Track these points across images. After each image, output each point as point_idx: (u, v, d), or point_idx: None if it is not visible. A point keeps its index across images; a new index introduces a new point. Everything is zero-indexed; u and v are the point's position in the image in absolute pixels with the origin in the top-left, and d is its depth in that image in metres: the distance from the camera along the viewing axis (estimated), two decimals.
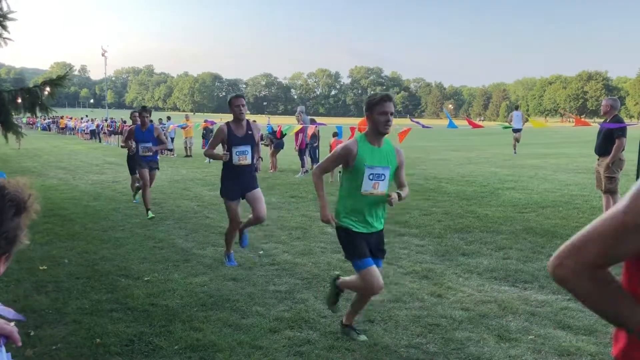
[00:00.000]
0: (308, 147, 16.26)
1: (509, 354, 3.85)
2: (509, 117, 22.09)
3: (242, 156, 6.10)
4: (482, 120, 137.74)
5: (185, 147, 22.88)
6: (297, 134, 15.68)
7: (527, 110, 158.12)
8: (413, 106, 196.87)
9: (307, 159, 16.32)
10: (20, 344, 1.35)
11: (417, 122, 13.04)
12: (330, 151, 14.11)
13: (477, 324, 4.40)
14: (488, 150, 26.31)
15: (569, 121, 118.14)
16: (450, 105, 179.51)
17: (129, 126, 11.69)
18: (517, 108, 22.52)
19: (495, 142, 32.35)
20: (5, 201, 1.19)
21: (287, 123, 16.89)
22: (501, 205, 9.79)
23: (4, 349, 1.27)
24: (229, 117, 6.28)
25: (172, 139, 24.03)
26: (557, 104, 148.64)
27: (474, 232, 7.69)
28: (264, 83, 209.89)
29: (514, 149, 22.24)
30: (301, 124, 15.55)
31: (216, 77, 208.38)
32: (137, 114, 9.36)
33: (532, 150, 21.98)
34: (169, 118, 26.87)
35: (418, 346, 3.99)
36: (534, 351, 3.89)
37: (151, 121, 9.57)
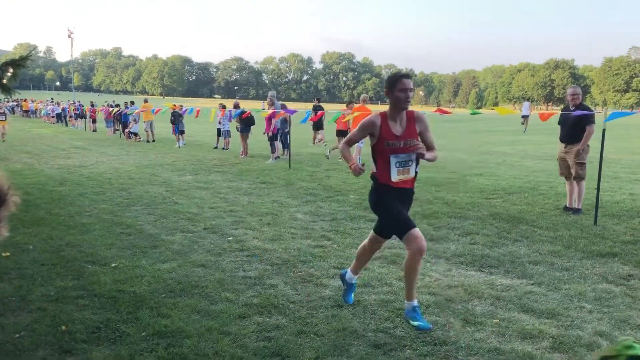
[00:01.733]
0: (279, 132, 16.21)
1: (474, 337, 3.93)
2: (522, 105, 26.35)
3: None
4: (454, 107, 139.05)
5: (147, 132, 22.44)
6: (268, 119, 15.60)
7: (496, 97, 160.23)
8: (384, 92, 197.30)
9: (279, 144, 16.27)
10: None
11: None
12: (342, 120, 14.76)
13: (443, 308, 4.47)
14: (457, 137, 26.61)
15: (537, 109, 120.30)
16: (420, 92, 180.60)
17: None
18: (528, 99, 24.63)
19: (465, 129, 32.74)
20: None
21: (257, 108, 16.76)
22: (469, 191, 9.94)
23: None
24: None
25: (137, 123, 23.56)
26: (525, 92, 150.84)
27: (442, 217, 7.79)
28: (235, 67, 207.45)
29: (525, 128, 31.70)
30: (272, 109, 15.47)
31: (186, 61, 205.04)
32: None
33: (500, 138, 22.33)
34: (132, 103, 26.35)
35: (386, 330, 4.05)
36: (498, 334, 3.98)
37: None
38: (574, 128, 8.06)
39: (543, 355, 3.66)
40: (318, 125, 20.09)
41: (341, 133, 15.93)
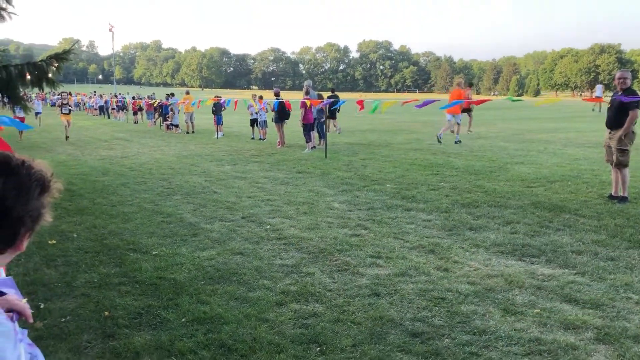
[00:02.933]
0: (316, 122, 16.21)
1: (515, 327, 3.85)
2: (594, 89, 27.51)
3: None
4: (496, 95, 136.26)
5: (187, 123, 22.77)
6: (304, 108, 15.60)
7: (538, 84, 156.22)
8: (422, 81, 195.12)
9: (315, 134, 16.28)
10: (32, 320, 1.38)
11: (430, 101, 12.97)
12: (451, 99, 15.93)
13: (483, 298, 4.40)
14: (498, 124, 26.10)
15: (580, 95, 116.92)
16: (460, 79, 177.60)
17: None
18: (601, 82, 24.78)
19: (505, 117, 32.10)
20: (32, 180, 1.23)
21: (295, 98, 16.80)
22: (509, 180, 9.73)
23: (17, 324, 1.28)
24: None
25: (177, 115, 23.97)
26: (568, 78, 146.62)
27: (482, 206, 7.66)
28: (271, 58, 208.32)
29: (599, 109, 32.76)
30: (307, 98, 15.46)
31: (224, 52, 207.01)
32: None
33: (542, 125, 21.78)
34: (172, 94, 26.77)
35: (423, 319, 4.01)
36: (539, 324, 3.90)
37: None
38: (618, 113, 7.80)
39: (587, 346, 3.56)
40: (332, 115, 20.17)
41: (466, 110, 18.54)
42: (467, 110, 18.96)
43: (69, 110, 20.95)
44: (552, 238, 6.06)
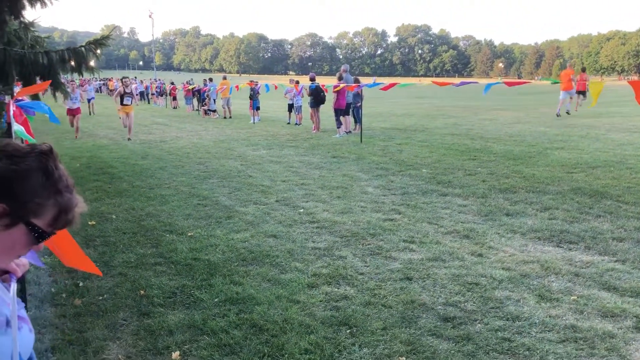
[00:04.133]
0: (352, 107, 16.12)
1: (550, 313, 3.77)
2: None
3: None
4: (540, 79, 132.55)
5: (224, 109, 22.97)
6: (336, 93, 15.53)
7: (582, 68, 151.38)
8: (462, 65, 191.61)
9: (350, 118, 16.20)
10: (19, 274, 1.34)
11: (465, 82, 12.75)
12: (563, 79, 17.98)
13: (517, 284, 4.32)
14: (538, 109, 25.46)
15: (625, 79, 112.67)
16: (500, 64, 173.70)
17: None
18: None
19: (546, 101, 31.23)
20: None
21: (330, 83, 16.72)
22: (549, 165, 9.50)
23: (13, 286, 1.27)
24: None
25: (214, 100, 24.23)
26: (615, 62, 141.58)
27: (520, 192, 7.51)
28: (309, 43, 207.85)
29: None
30: (340, 83, 15.34)
31: (261, 38, 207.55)
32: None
33: (585, 110, 21.12)
34: (210, 80, 27.04)
35: (456, 304, 3.97)
36: (575, 311, 3.81)
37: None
38: None
39: (625, 335, 3.46)
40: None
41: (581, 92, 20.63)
42: (582, 92, 21.17)
43: (131, 101, 15.85)
44: (592, 224, 5.89)
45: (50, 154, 1.23)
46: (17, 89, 8.26)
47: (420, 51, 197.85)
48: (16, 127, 4.84)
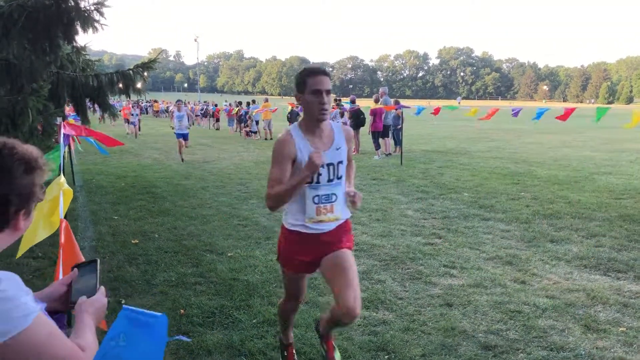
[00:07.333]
0: (392, 129, 16.09)
1: (597, 345, 3.64)
2: None
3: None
4: (593, 103, 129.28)
5: (265, 130, 23.26)
6: (373, 115, 15.55)
7: (631, 91, 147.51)
8: (505, 88, 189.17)
9: (391, 141, 16.17)
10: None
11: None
12: None
13: (562, 313, 4.19)
14: (585, 133, 24.86)
15: None
16: (544, 87, 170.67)
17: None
18: None
19: (594, 125, 30.44)
20: (14, 160, 1.29)
21: (368, 105, 16.76)
22: (596, 191, 9.23)
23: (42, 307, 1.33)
24: None
25: (257, 122, 24.57)
26: None
27: (565, 218, 7.31)
28: (350, 66, 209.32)
29: None
30: (380, 104, 15.35)
31: (303, 61, 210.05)
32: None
33: (636, 134, 20.50)
34: (254, 102, 27.51)
35: (497, 332, 3.87)
36: (624, 344, 3.66)
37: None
38: None
39: None
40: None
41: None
42: None
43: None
44: None
45: None
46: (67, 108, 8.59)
47: (462, 73, 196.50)
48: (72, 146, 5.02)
